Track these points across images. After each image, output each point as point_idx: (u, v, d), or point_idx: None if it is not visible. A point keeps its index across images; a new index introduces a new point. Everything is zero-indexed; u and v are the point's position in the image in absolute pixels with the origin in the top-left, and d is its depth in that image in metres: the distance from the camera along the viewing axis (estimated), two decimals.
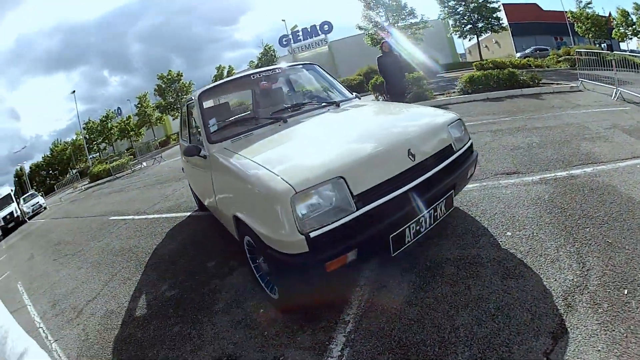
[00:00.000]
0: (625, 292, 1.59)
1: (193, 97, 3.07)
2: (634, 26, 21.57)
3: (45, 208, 19.00)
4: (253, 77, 3.23)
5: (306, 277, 1.70)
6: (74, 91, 33.29)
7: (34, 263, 6.28)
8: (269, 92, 3.48)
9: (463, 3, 19.63)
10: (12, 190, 21.26)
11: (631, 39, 22.35)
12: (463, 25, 20.13)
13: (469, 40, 21.57)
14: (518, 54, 23.27)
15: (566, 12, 24.20)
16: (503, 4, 21.69)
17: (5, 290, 5.47)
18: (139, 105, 32.44)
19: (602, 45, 23.51)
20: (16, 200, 19.87)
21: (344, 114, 2.63)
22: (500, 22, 20.48)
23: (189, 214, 4.92)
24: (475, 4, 19.41)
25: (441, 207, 1.95)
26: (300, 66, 4.08)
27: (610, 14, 23.98)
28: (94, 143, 35.86)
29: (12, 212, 17.43)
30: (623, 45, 23.34)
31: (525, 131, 4.73)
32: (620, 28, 22.05)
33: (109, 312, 3.01)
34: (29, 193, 23.50)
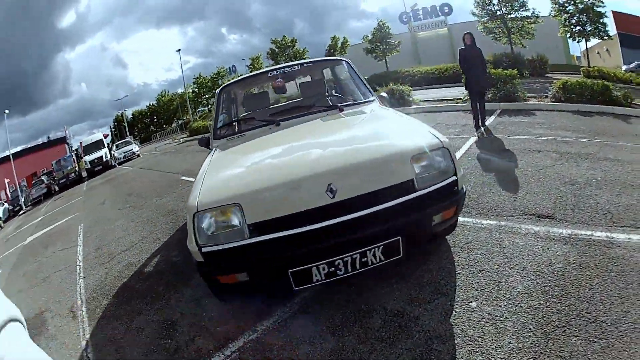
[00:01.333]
0: None
1: (216, 91, 3.24)
2: None
3: (138, 155, 18.82)
4: (270, 74, 3.19)
5: (206, 282, 1.87)
6: (179, 49, 33.14)
7: (102, 208, 7.38)
8: (281, 90, 3.37)
9: (572, 2, 16.01)
10: (106, 136, 22.05)
11: None
12: (572, 26, 16.53)
13: (577, 42, 17.73)
14: (624, 67, 18.28)
15: None
16: (613, 11, 17.05)
17: (67, 230, 6.73)
18: (252, 66, 30.59)
19: None
20: (108, 146, 19.82)
21: (325, 125, 2.38)
22: (607, 28, 16.18)
23: None
24: (584, 5, 15.70)
25: (375, 254, 1.59)
26: (327, 62, 3.83)
27: None
28: (203, 97, 34.60)
29: (101, 156, 17.75)
30: None
31: (594, 161, 3.48)
32: None
33: (129, 264, 3.52)
34: (124, 140, 23.20)
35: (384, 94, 2.97)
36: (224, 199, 1.63)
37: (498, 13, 16.96)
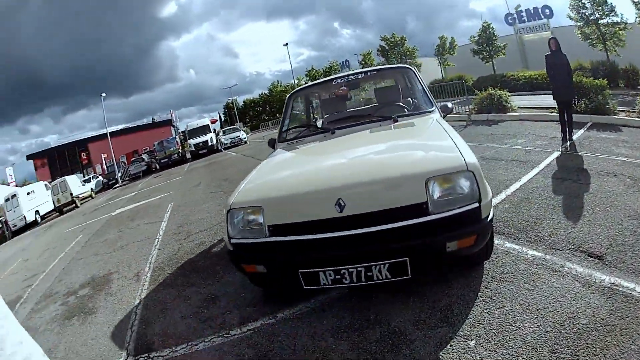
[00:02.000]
0: None
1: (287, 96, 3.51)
2: None
3: (245, 142, 18.95)
4: (334, 82, 3.36)
5: (236, 268, 2.09)
6: (286, 44, 34.43)
7: (195, 190, 7.95)
8: (344, 98, 3.48)
9: None
10: (214, 121, 22.10)
11: None
12: None
13: None
14: None
15: None
16: None
17: (157, 206, 7.44)
18: (363, 62, 30.14)
19: None
20: (214, 131, 20.04)
21: (369, 137, 2.44)
22: None
23: None
24: None
25: (381, 271, 1.65)
26: (391, 70, 3.80)
27: None
28: None
29: (206, 140, 18.15)
30: None
31: None
32: None
33: (201, 243, 4.01)
34: (232, 127, 23.78)
35: (449, 104, 2.85)
36: (251, 200, 1.88)
37: (592, 17, 14.70)
